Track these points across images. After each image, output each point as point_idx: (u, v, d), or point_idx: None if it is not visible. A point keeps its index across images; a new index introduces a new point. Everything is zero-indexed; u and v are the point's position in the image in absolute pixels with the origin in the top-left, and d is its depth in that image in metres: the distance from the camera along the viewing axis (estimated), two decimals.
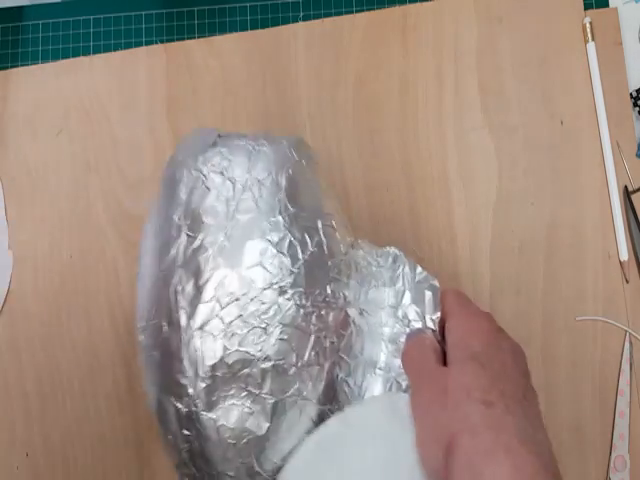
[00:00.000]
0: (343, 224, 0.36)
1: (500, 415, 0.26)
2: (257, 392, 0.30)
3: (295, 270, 0.31)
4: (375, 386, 0.33)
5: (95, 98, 0.49)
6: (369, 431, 0.31)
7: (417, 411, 0.30)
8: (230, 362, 0.30)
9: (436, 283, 0.34)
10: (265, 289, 0.31)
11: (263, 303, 0.31)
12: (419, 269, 0.35)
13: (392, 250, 0.36)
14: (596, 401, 0.42)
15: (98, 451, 0.45)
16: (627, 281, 0.43)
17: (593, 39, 0.46)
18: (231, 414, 0.30)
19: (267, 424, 0.31)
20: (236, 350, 0.31)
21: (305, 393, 0.31)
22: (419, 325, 0.33)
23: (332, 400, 0.33)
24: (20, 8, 0.52)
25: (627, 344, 0.42)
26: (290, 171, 0.33)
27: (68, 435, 0.45)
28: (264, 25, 0.49)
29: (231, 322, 0.31)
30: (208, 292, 0.31)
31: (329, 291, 0.32)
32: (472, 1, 0.47)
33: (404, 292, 0.34)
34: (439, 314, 0.33)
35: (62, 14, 0.51)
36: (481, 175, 0.46)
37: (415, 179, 0.46)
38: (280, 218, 0.32)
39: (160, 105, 0.49)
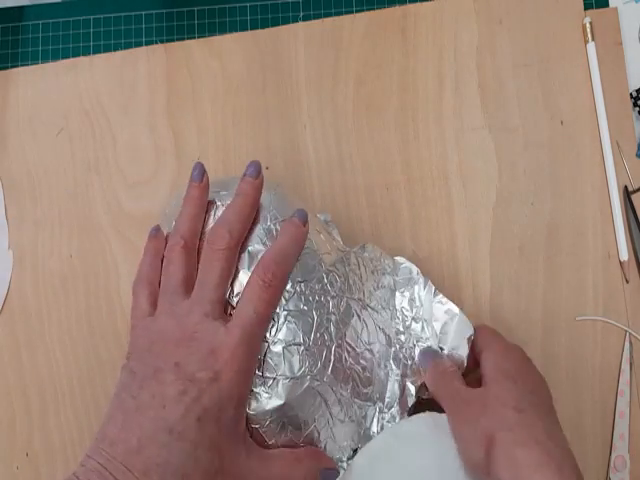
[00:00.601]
0: (328, 232, 0.40)
1: (530, 418, 0.32)
2: (273, 376, 0.33)
3: None
4: (386, 379, 0.37)
5: (95, 98, 0.49)
6: (416, 443, 0.35)
7: (456, 425, 0.34)
8: None
9: (470, 327, 0.38)
10: None
11: None
12: (439, 296, 0.39)
13: (405, 264, 0.40)
14: (596, 401, 0.42)
15: None
16: (627, 281, 0.43)
17: (593, 39, 0.46)
18: (251, 402, 0.34)
19: (281, 402, 0.33)
20: None
21: (315, 371, 0.34)
22: (427, 337, 0.38)
23: (341, 382, 0.35)
24: (20, 8, 0.52)
25: (627, 344, 0.42)
26: (272, 193, 0.38)
27: (68, 435, 0.45)
28: (264, 25, 0.49)
29: None
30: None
31: (326, 281, 0.36)
32: (472, 1, 0.47)
33: (419, 307, 0.39)
34: (472, 334, 0.38)
35: (62, 14, 0.51)
36: (481, 175, 0.46)
37: (415, 179, 0.46)
38: (272, 226, 0.36)
39: (160, 105, 0.49)
